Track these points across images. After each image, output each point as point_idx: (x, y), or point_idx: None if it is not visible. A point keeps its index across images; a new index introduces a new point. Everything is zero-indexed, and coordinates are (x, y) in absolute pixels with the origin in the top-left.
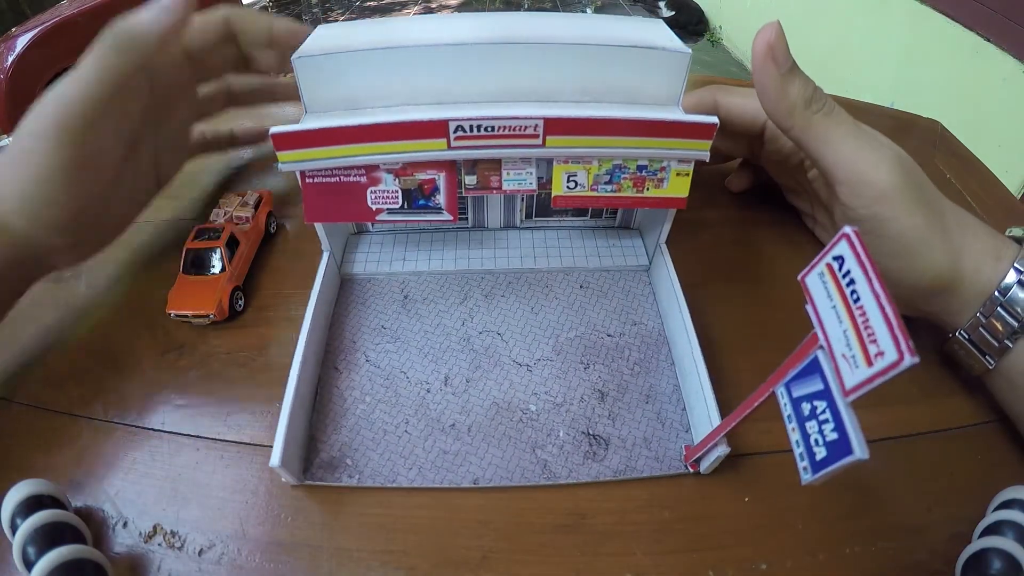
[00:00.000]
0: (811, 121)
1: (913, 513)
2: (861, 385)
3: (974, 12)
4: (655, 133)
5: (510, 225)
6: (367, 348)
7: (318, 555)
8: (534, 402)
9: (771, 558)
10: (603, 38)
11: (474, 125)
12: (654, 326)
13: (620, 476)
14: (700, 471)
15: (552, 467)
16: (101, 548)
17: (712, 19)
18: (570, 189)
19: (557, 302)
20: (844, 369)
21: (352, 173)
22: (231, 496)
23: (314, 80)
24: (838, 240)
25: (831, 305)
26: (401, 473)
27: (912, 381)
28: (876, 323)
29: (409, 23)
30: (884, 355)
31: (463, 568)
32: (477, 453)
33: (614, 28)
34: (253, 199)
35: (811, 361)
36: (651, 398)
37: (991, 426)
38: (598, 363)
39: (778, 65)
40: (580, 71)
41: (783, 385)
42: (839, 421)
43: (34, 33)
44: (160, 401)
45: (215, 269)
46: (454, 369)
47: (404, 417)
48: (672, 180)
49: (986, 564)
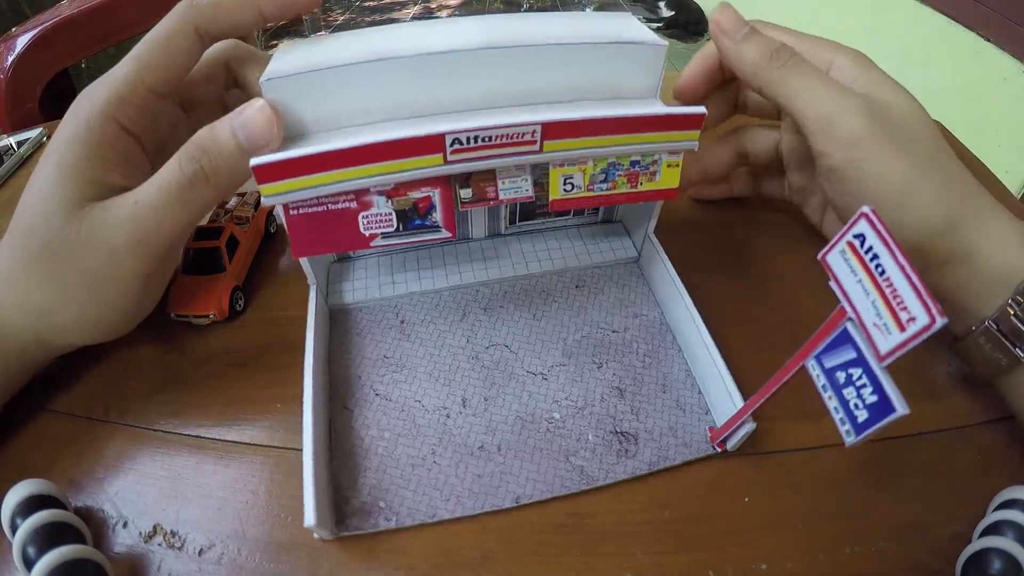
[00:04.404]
0: (775, 75)
1: (913, 513)
2: (896, 349)
3: (974, 12)
4: (648, 128)
5: (495, 233)
6: (374, 381)
7: (318, 555)
8: (556, 410)
9: (771, 558)
10: (581, 36)
11: (470, 137)
12: (655, 316)
13: (655, 467)
14: (727, 449)
15: (588, 472)
16: (101, 548)
17: None
18: (567, 192)
19: (557, 305)
20: (877, 337)
21: (340, 200)
22: (231, 496)
23: (286, 103)
24: (857, 220)
25: (856, 280)
26: (439, 505)
27: (914, 380)
28: (904, 292)
29: (378, 33)
30: (916, 320)
31: (463, 568)
32: (512, 471)
33: (589, 25)
34: (253, 199)
35: (840, 333)
36: (667, 387)
37: (991, 426)
38: (610, 360)
39: (730, 36)
40: (562, 71)
41: (813, 358)
42: (877, 384)
43: (34, 33)
44: (160, 401)
45: (215, 269)
46: (469, 389)
47: (430, 448)
48: (664, 172)
49: (986, 564)
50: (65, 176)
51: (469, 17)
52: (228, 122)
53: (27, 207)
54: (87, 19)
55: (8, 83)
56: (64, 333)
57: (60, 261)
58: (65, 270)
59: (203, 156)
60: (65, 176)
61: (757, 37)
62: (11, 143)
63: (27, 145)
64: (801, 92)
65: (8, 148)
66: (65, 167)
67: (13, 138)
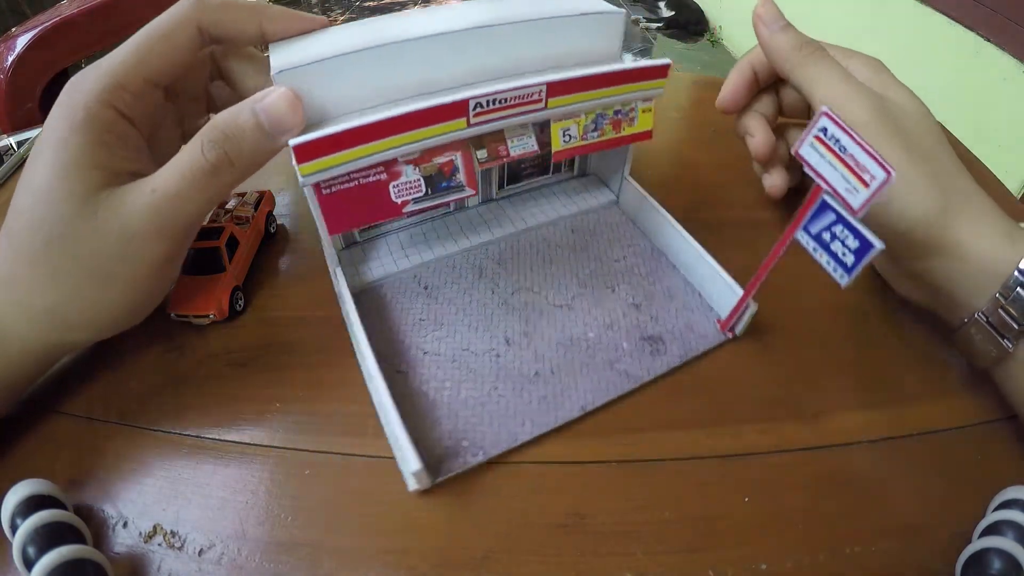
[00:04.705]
0: (800, 62)
1: (913, 513)
2: (866, 202)
3: (974, 12)
4: (626, 80)
5: (488, 199)
6: (418, 343)
7: (318, 555)
8: (590, 330)
9: (771, 558)
10: (552, 12)
11: (490, 100)
12: (645, 244)
13: (685, 359)
14: (736, 334)
15: (632, 373)
16: (101, 548)
17: (712, 19)
18: (566, 143)
19: (561, 248)
20: (849, 198)
21: (371, 173)
22: (231, 496)
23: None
24: (819, 118)
25: (826, 162)
26: (517, 431)
27: (913, 379)
28: (863, 159)
29: (374, 23)
30: (875, 177)
31: (463, 568)
32: (569, 387)
33: (557, 3)
34: (253, 199)
35: (820, 205)
36: (673, 296)
37: (991, 426)
38: (620, 284)
39: (768, 26)
40: (539, 44)
41: (801, 229)
42: (856, 232)
43: (34, 33)
44: (160, 401)
45: (215, 269)
46: (508, 330)
47: (491, 385)
48: (640, 117)
49: (986, 564)
50: (69, 165)
51: (444, 6)
52: (249, 106)
53: (29, 201)
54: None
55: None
56: (74, 330)
57: (71, 254)
58: (77, 263)
59: (226, 141)
60: (69, 165)
61: (791, 30)
62: (11, 143)
63: (27, 145)
64: (819, 80)
65: (8, 148)
66: (68, 156)
67: (13, 138)
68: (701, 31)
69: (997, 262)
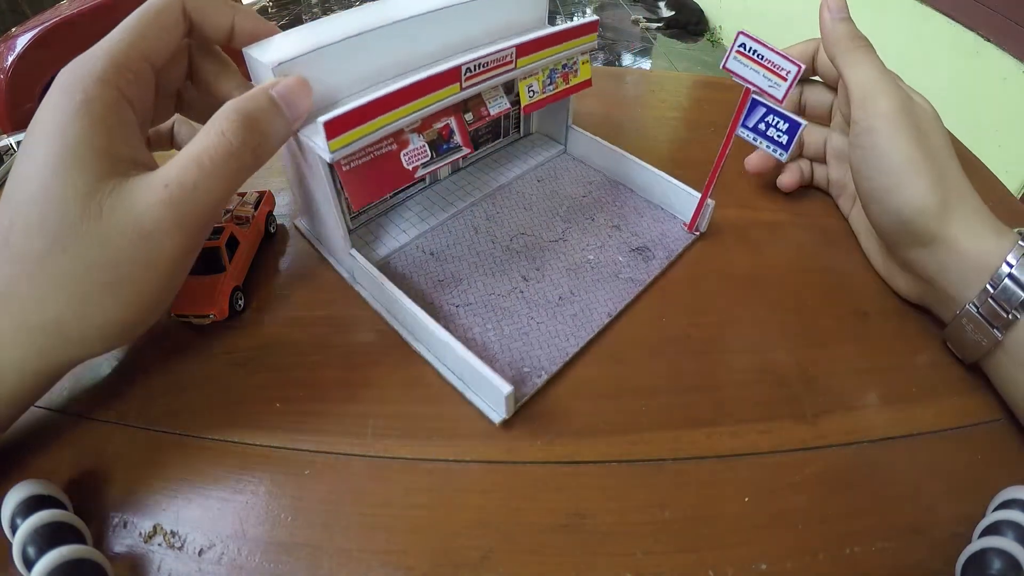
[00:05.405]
0: (847, 48)
1: (913, 513)
2: (786, 93)
3: (974, 12)
4: (571, 37)
5: (457, 168)
6: (445, 300)
7: (318, 555)
8: (589, 253)
9: (771, 558)
10: None
11: (477, 64)
12: (601, 179)
13: (669, 259)
14: (701, 231)
15: (636, 278)
16: (101, 548)
17: (712, 19)
18: (531, 97)
19: (535, 196)
20: (773, 91)
21: (384, 145)
22: (231, 496)
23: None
24: (737, 37)
25: (749, 68)
26: (564, 347)
27: (913, 379)
28: (779, 61)
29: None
30: (789, 72)
31: (463, 568)
32: (590, 302)
33: None
34: (253, 199)
35: (751, 104)
36: (641, 214)
37: (991, 426)
38: (595, 212)
39: (831, 13)
40: (485, 20)
41: (740, 127)
42: (784, 116)
43: (34, 33)
44: (160, 401)
45: (215, 269)
46: (521, 269)
47: (526, 317)
48: (582, 68)
49: (986, 564)
50: (70, 156)
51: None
52: (265, 91)
53: (24, 199)
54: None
55: (8, 83)
56: (80, 345)
57: (76, 260)
58: (83, 269)
59: (252, 124)
60: (70, 156)
61: (850, 22)
62: (11, 143)
63: None
64: (858, 68)
65: (8, 148)
66: (68, 146)
67: (13, 138)
68: (701, 31)
69: (986, 255)
